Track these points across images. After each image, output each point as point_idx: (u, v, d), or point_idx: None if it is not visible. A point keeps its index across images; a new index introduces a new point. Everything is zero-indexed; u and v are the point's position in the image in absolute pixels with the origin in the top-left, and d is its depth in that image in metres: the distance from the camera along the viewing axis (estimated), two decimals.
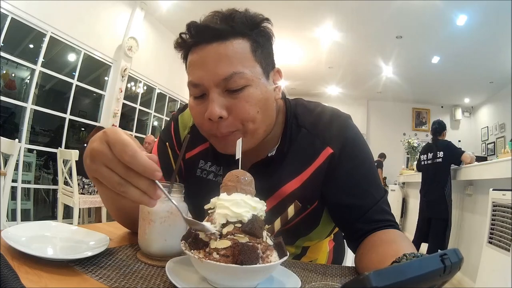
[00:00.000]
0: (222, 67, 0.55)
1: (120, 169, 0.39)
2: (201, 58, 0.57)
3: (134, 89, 4.90)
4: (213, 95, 0.56)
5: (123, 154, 0.38)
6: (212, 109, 0.55)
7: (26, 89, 3.37)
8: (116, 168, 0.39)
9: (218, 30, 0.56)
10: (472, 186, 2.84)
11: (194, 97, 0.60)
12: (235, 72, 0.55)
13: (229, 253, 0.38)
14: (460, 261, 0.26)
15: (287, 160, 0.66)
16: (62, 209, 2.96)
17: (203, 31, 0.57)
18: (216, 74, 0.55)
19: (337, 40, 4.97)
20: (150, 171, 0.39)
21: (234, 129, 0.58)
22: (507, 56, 4.46)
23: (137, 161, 0.39)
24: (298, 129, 0.67)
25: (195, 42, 0.58)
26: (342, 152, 0.64)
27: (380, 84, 6.58)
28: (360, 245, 0.61)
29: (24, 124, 3.25)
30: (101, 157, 0.40)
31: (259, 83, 0.58)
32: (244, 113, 0.57)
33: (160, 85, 5.25)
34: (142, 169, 0.39)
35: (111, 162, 0.39)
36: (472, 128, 7.47)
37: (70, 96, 3.75)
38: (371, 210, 0.62)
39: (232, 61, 0.56)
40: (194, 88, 0.58)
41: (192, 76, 0.58)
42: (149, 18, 4.67)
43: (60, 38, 3.51)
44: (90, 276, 0.41)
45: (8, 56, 3.06)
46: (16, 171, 3.05)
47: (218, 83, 0.56)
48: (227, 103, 0.56)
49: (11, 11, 2.95)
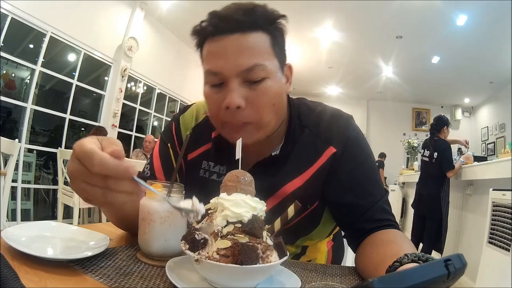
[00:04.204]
0: (244, 58, 0.56)
1: (98, 180, 0.39)
2: (222, 48, 0.57)
3: (134, 89, 4.90)
4: (233, 84, 0.56)
5: (92, 166, 0.38)
6: (231, 98, 0.56)
7: (26, 89, 3.37)
8: (93, 180, 0.39)
9: (241, 22, 0.57)
10: (472, 186, 2.83)
11: (211, 85, 0.60)
12: (256, 64, 0.56)
13: (229, 253, 0.38)
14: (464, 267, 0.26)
15: (290, 159, 0.66)
16: (62, 209, 2.96)
17: (225, 21, 0.57)
18: (238, 64, 0.56)
19: (337, 40, 4.97)
20: (122, 171, 0.39)
21: (249, 120, 0.58)
22: (507, 56, 4.46)
23: (107, 167, 0.38)
24: (301, 128, 0.68)
25: (215, 31, 0.58)
26: (344, 151, 0.64)
27: (380, 84, 6.57)
28: (361, 245, 0.62)
29: (24, 124, 3.26)
30: (77, 176, 0.39)
31: (276, 76, 0.60)
32: (261, 105, 0.58)
33: (160, 85, 5.25)
34: (114, 172, 0.38)
35: (87, 177, 0.39)
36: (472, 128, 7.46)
37: (70, 96, 3.75)
38: (372, 209, 0.62)
39: (254, 53, 0.57)
40: (213, 77, 0.58)
41: (211, 64, 0.58)
42: (149, 18, 4.66)
43: (60, 38, 3.51)
44: (90, 276, 0.41)
45: (8, 56, 3.06)
46: (16, 171, 3.05)
47: (239, 73, 0.56)
48: (245, 94, 0.57)
49: (11, 11, 2.95)
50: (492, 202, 2.05)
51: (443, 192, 2.91)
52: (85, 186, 0.39)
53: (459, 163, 2.89)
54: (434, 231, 2.91)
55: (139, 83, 4.91)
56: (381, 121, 7.99)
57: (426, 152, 3.13)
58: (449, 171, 2.84)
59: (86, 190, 0.40)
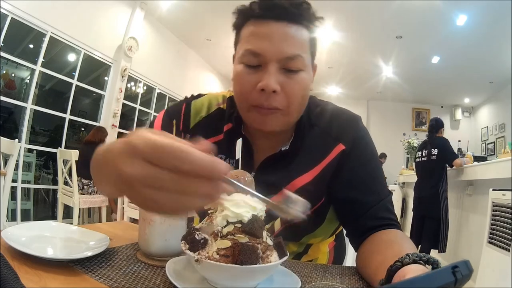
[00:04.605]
0: (289, 46, 0.58)
1: (176, 183, 0.28)
2: (269, 31, 0.59)
3: (134, 89, 4.90)
4: (272, 68, 0.58)
5: (182, 164, 0.28)
6: (269, 81, 0.57)
7: (26, 89, 3.37)
8: (167, 183, 0.28)
9: (290, 12, 0.59)
10: (472, 186, 2.83)
11: (246, 65, 0.60)
12: (298, 54, 0.59)
13: (229, 253, 0.38)
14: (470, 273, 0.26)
15: (299, 155, 0.68)
16: (62, 209, 2.96)
17: (275, 8, 0.59)
18: (282, 51, 0.58)
19: (337, 40, 4.97)
20: (219, 169, 0.29)
21: (280, 106, 0.60)
22: (507, 56, 4.45)
23: (202, 164, 0.28)
24: (310, 126, 0.69)
25: (263, 15, 0.60)
26: (352, 149, 0.66)
27: (380, 84, 6.57)
28: (362, 245, 0.62)
29: (24, 124, 3.25)
30: (144, 180, 0.28)
31: (309, 71, 0.63)
32: (294, 93, 0.60)
33: (160, 85, 5.25)
34: (209, 171, 0.29)
35: (158, 181, 0.28)
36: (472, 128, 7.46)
37: (70, 96, 3.75)
38: (375, 207, 0.63)
39: (297, 43, 0.60)
40: (251, 57, 0.59)
41: (253, 45, 0.59)
42: (149, 18, 4.66)
43: (60, 38, 3.51)
44: (90, 276, 0.41)
45: (8, 56, 3.06)
46: (16, 171, 3.05)
47: (280, 59, 0.58)
48: (281, 80, 0.59)
49: (11, 11, 2.95)
50: (492, 202, 2.05)
51: (441, 188, 2.91)
52: (155, 193, 0.28)
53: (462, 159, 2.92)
54: (433, 230, 2.91)
55: (139, 83, 4.91)
56: (381, 121, 7.98)
57: (424, 152, 3.15)
58: (454, 160, 2.86)
59: (157, 199, 0.29)
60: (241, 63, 0.61)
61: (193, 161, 0.28)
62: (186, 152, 0.28)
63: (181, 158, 0.28)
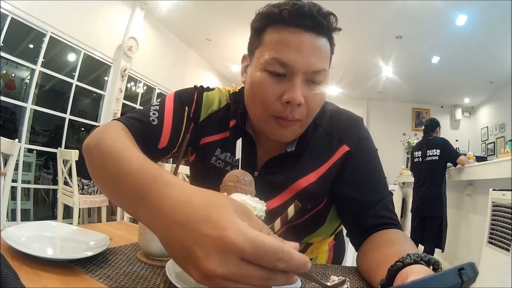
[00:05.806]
0: (317, 59, 0.58)
1: (261, 281, 0.28)
2: (299, 42, 0.57)
3: (134, 89, 4.90)
4: (299, 81, 0.57)
5: (278, 262, 0.28)
6: (297, 94, 0.57)
7: (26, 89, 3.37)
8: (254, 280, 0.28)
9: (320, 23, 0.58)
10: (472, 186, 2.83)
11: (271, 73, 0.58)
12: (324, 68, 0.60)
13: None
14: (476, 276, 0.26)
15: (304, 156, 0.68)
16: (62, 209, 2.96)
17: (306, 17, 0.57)
18: (311, 64, 0.58)
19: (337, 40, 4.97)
20: (303, 266, 0.29)
21: (301, 118, 0.60)
22: (507, 56, 4.45)
23: (294, 263, 0.29)
24: (315, 127, 0.70)
25: (292, 23, 0.57)
26: (355, 150, 0.67)
27: (380, 84, 6.57)
28: (363, 244, 0.62)
29: (24, 124, 3.25)
30: (240, 279, 0.27)
31: (328, 83, 0.63)
32: (314, 106, 0.61)
33: (160, 85, 5.25)
34: (296, 267, 0.29)
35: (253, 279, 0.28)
36: (472, 128, 7.45)
37: (70, 96, 3.75)
38: (376, 206, 0.63)
39: (323, 57, 0.60)
40: (279, 66, 0.57)
41: (282, 54, 0.57)
42: (149, 18, 4.66)
43: (60, 38, 3.51)
44: (90, 276, 0.41)
45: (8, 56, 3.06)
46: (16, 171, 3.05)
47: (307, 71, 0.58)
48: (305, 93, 0.59)
49: (11, 11, 2.95)
50: (492, 202, 2.05)
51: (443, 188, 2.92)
52: (236, 284, 0.28)
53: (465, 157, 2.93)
54: (435, 229, 2.92)
55: (139, 83, 4.91)
56: (381, 121, 7.97)
57: (418, 153, 3.15)
58: (458, 158, 2.86)
59: None
60: (265, 71, 0.58)
61: (293, 263, 0.28)
62: (288, 253, 0.28)
63: (282, 258, 0.28)
